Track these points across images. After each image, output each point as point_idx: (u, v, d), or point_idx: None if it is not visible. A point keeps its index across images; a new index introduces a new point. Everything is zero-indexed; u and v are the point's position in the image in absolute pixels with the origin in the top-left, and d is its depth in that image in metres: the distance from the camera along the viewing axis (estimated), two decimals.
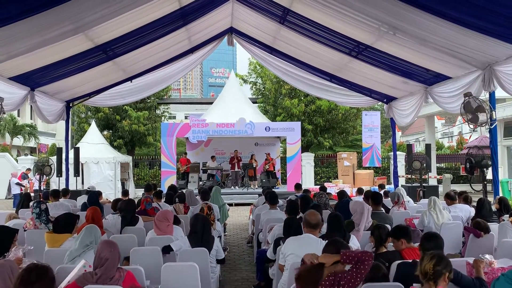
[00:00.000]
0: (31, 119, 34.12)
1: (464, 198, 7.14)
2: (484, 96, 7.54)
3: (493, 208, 6.49)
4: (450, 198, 6.91)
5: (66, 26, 6.57)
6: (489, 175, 8.28)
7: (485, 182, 8.19)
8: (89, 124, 21.56)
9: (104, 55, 9.02)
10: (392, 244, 4.11)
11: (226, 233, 10.17)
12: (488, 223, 5.36)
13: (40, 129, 33.05)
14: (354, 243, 4.44)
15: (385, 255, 3.86)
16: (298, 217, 5.41)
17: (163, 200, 8.14)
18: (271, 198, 7.32)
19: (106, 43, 8.46)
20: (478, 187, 8.62)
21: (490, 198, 6.94)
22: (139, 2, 6.93)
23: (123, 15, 7.21)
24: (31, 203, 7.50)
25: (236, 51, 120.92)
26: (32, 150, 32.58)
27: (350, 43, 8.74)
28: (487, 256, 3.42)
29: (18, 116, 31.93)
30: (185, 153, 19.71)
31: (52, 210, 7.34)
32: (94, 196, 7.42)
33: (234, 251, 8.46)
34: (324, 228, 4.63)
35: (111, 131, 24.62)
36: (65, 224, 4.49)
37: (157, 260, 4.27)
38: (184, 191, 8.59)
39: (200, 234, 4.65)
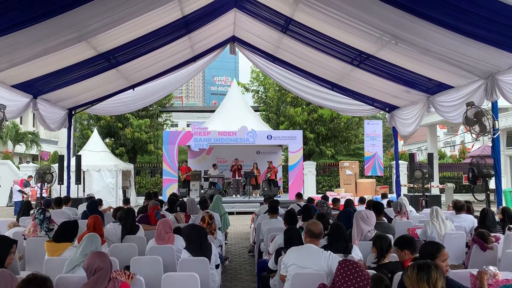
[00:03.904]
0: (33, 126, 34.17)
1: (466, 208, 7.08)
2: (487, 105, 7.52)
3: (497, 218, 6.44)
4: (457, 209, 6.85)
5: (69, 34, 6.60)
6: (492, 184, 8.24)
7: (488, 192, 8.14)
8: (92, 131, 21.60)
9: (107, 63, 9.05)
10: (394, 254, 4.08)
11: (227, 242, 10.12)
12: (492, 233, 5.32)
13: (42, 136, 33.08)
14: (357, 254, 4.40)
15: (388, 266, 3.81)
16: (298, 226, 5.39)
17: (163, 209, 8.11)
18: (271, 209, 7.30)
19: (109, 51, 8.49)
20: (481, 196, 8.58)
21: (493, 208, 6.89)
22: (142, 11, 6.96)
23: (126, 24, 7.25)
24: (32, 211, 7.48)
25: (238, 59, 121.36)
26: (34, 158, 32.59)
27: (352, 52, 8.75)
28: (491, 267, 3.38)
29: (21, 123, 31.98)
30: (186, 161, 19.68)
31: (54, 218, 7.30)
32: (94, 204, 7.39)
33: (236, 260, 8.40)
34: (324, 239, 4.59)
35: (113, 139, 24.65)
36: (65, 233, 4.46)
37: (157, 269, 4.23)
38: (185, 199, 8.56)
39: (199, 243, 4.61)
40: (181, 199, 8.65)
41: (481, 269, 3.41)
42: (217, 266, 5.02)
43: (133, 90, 11.69)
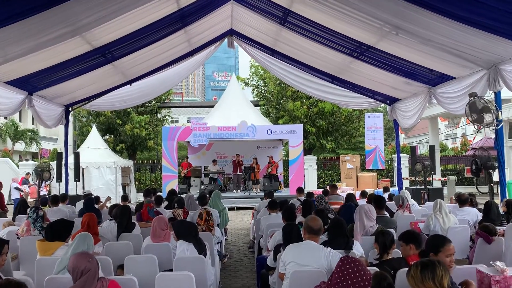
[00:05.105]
0: (32, 124, 34.02)
1: (470, 201, 6.93)
2: (490, 96, 7.37)
3: (501, 211, 6.31)
4: (461, 202, 6.69)
5: (61, 28, 6.43)
6: (495, 176, 8.09)
7: (492, 184, 8.01)
8: (92, 128, 21.49)
9: (102, 58, 8.90)
10: (397, 250, 3.95)
11: (227, 238, 10.01)
12: (496, 227, 5.19)
13: (41, 134, 32.92)
14: (358, 250, 4.26)
15: (390, 262, 3.68)
16: (297, 222, 5.25)
17: (163, 206, 7.99)
18: (271, 204, 7.16)
19: (104, 45, 8.33)
20: (484, 189, 8.45)
21: (497, 201, 6.76)
22: (135, 5, 6.79)
23: (120, 17, 7.08)
24: (28, 209, 7.36)
25: (238, 54, 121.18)
26: (34, 155, 32.50)
27: (352, 44, 8.59)
28: (498, 263, 3.25)
29: (20, 121, 31.86)
30: (187, 157, 19.58)
31: (50, 216, 7.20)
32: (90, 202, 7.28)
33: (235, 257, 8.29)
34: (324, 234, 4.46)
35: (112, 135, 24.54)
36: (58, 232, 4.32)
37: (152, 268, 4.10)
38: (183, 195, 8.44)
39: (192, 238, 4.49)
40: (179, 195, 8.52)
41: (488, 264, 3.28)
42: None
43: (130, 85, 11.53)
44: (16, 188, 16.92)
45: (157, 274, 3.80)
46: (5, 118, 27.78)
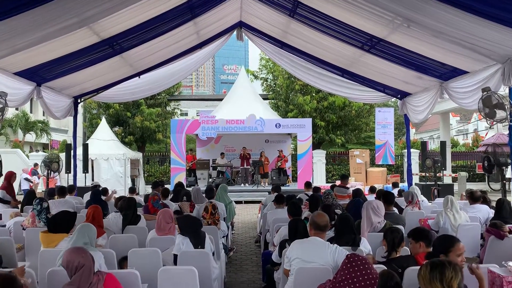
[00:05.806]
0: (43, 115, 34.26)
1: (482, 198, 6.79)
2: (504, 91, 7.19)
3: None
4: (474, 199, 6.54)
5: (69, 19, 6.36)
6: (508, 173, 7.92)
7: (504, 181, 7.84)
8: (101, 120, 21.57)
9: (110, 50, 8.86)
10: (405, 248, 3.86)
11: (234, 232, 9.97)
12: (508, 225, 5.06)
13: (52, 125, 33.18)
14: (365, 246, 4.17)
15: (398, 260, 3.59)
16: (304, 217, 5.17)
17: (169, 198, 7.96)
18: (277, 198, 7.08)
19: (112, 37, 8.29)
20: (496, 186, 8.28)
21: (509, 198, 6.61)
22: None
23: (128, 8, 7.01)
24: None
25: (248, 47, 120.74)
26: (45, 147, 32.79)
27: (363, 37, 8.44)
28: (510, 263, 3.15)
29: (31, 112, 32.12)
30: (191, 150, 19.57)
31: (57, 207, 7.21)
32: (97, 193, 7.25)
33: (242, 251, 8.25)
34: (331, 230, 4.37)
35: (121, 127, 24.62)
36: (61, 223, 4.29)
37: (156, 262, 4.05)
38: (190, 188, 8.41)
39: (194, 232, 4.44)
40: (186, 188, 8.49)
41: (500, 264, 3.17)
42: (213, 254, 4.82)
43: (139, 77, 11.50)
44: (26, 179, 17.06)
45: (160, 267, 3.76)
46: (16, 109, 28.03)
